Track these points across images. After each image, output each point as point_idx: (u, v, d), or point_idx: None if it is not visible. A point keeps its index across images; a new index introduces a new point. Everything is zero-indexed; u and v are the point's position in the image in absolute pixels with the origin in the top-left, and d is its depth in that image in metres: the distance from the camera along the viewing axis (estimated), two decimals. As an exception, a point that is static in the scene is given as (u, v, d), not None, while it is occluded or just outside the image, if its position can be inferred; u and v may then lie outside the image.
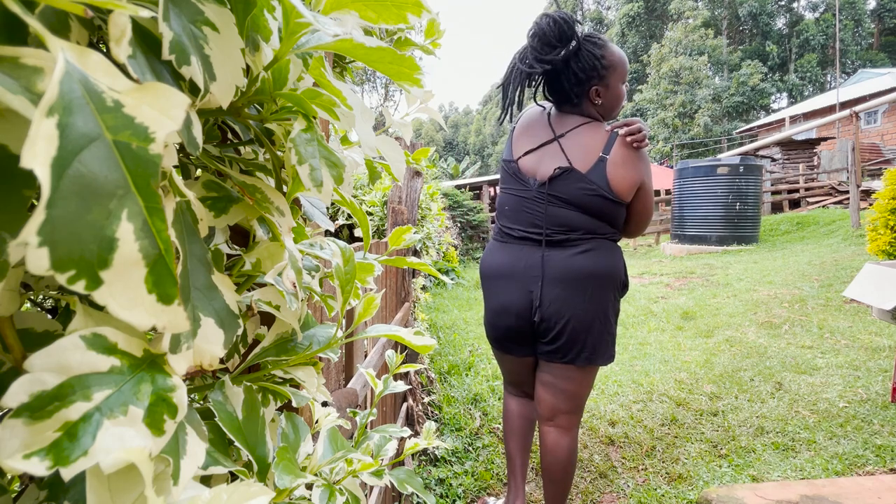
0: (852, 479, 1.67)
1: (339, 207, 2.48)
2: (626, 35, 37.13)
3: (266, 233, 0.37)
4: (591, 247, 1.27)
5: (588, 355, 1.28)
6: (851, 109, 8.33)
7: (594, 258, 1.26)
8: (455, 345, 3.44)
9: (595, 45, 1.24)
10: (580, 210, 1.26)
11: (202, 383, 0.37)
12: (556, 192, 1.27)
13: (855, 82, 21.28)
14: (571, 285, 1.26)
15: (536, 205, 1.30)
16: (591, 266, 1.26)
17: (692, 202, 8.62)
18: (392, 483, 0.60)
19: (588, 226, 1.27)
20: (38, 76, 0.17)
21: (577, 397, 1.36)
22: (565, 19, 1.20)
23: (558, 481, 1.42)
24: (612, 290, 1.30)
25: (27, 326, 0.25)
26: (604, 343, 1.30)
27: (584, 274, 1.25)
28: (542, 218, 1.29)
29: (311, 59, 0.36)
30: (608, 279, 1.28)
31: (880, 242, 4.05)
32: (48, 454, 0.17)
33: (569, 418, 1.38)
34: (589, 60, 1.22)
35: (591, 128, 1.28)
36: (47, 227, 0.15)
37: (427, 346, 0.43)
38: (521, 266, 1.31)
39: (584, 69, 1.23)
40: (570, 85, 1.26)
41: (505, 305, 1.34)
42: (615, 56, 1.26)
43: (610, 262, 1.28)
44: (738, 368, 2.97)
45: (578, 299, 1.26)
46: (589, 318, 1.26)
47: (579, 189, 1.24)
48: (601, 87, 1.27)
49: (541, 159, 1.31)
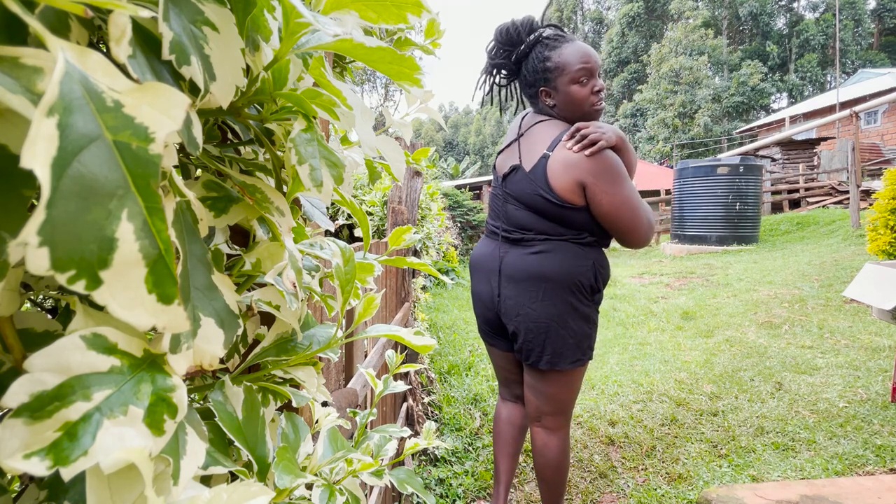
0: (852, 479, 1.67)
1: (339, 207, 2.48)
2: (626, 35, 37.12)
3: (266, 233, 0.37)
4: (546, 248, 1.24)
5: (549, 358, 1.26)
6: (851, 109, 8.33)
7: (547, 259, 1.23)
8: (455, 345, 3.44)
9: (545, 48, 1.24)
10: (529, 209, 1.25)
11: (202, 383, 0.37)
12: (509, 190, 1.29)
13: (855, 82, 21.28)
14: (522, 285, 1.25)
15: (499, 202, 1.34)
16: (543, 267, 1.23)
17: (692, 202, 8.62)
18: (392, 483, 0.60)
19: (540, 226, 1.25)
20: (38, 76, 0.17)
21: (556, 400, 1.34)
22: (518, 24, 1.24)
23: (550, 482, 1.43)
24: (568, 292, 1.24)
25: (27, 326, 0.25)
26: (566, 346, 1.25)
27: (535, 275, 1.24)
28: (502, 215, 1.32)
29: (311, 59, 0.36)
30: (562, 282, 1.23)
31: (880, 242, 4.05)
32: (48, 454, 0.17)
33: (554, 419, 1.37)
34: (534, 63, 1.24)
35: (546, 126, 1.26)
36: (47, 227, 0.15)
37: (427, 346, 0.43)
38: (487, 259, 1.35)
39: (530, 72, 1.26)
40: (522, 87, 1.31)
41: (478, 295, 1.40)
42: (563, 58, 1.22)
43: (566, 264, 1.23)
44: (738, 368, 2.96)
45: (530, 300, 1.25)
46: (543, 320, 1.24)
47: (524, 187, 1.24)
48: (549, 89, 1.26)
49: (507, 157, 1.34)
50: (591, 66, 1.22)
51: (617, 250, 10.60)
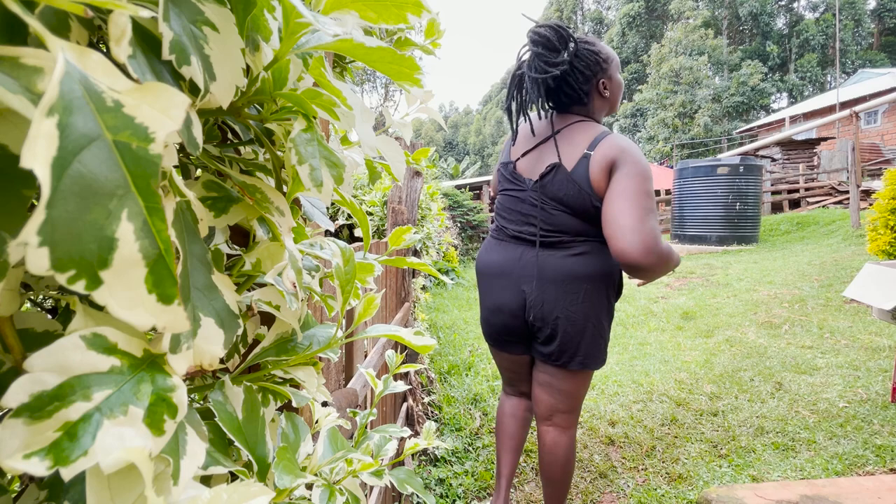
0: (852, 479, 1.67)
1: (339, 207, 2.48)
2: (626, 35, 37.11)
3: (266, 233, 0.37)
4: (584, 249, 1.26)
5: (582, 360, 1.28)
6: (851, 109, 8.33)
7: (588, 261, 1.25)
8: (455, 345, 3.44)
9: (589, 44, 1.30)
10: (568, 210, 1.25)
11: (202, 383, 0.37)
12: (546, 190, 1.27)
13: (855, 82, 21.28)
14: (564, 287, 1.25)
15: (531, 205, 1.30)
16: (585, 269, 1.25)
17: (692, 202, 8.62)
18: (392, 483, 0.60)
19: (578, 228, 1.26)
20: (38, 76, 0.17)
21: (574, 397, 1.36)
22: (561, 26, 1.26)
23: (557, 482, 1.42)
24: (605, 293, 1.28)
25: (27, 326, 0.25)
26: (597, 347, 1.29)
27: (577, 276, 1.25)
28: (536, 218, 1.29)
29: (311, 59, 0.36)
30: (602, 282, 1.26)
31: (880, 242, 4.05)
32: (48, 454, 0.17)
33: (567, 417, 1.38)
34: (590, 57, 1.28)
35: (584, 125, 1.28)
36: (47, 227, 0.15)
37: (427, 346, 0.43)
38: (515, 265, 1.31)
39: (588, 66, 1.28)
40: (578, 84, 1.28)
41: (499, 304, 1.35)
42: (607, 49, 1.33)
43: (604, 265, 1.26)
44: (738, 368, 2.96)
45: (571, 302, 1.25)
46: (581, 321, 1.25)
47: (566, 188, 1.23)
48: (606, 80, 1.32)
49: (538, 158, 1.31)
50: None
51: (617, 250, 10.59)
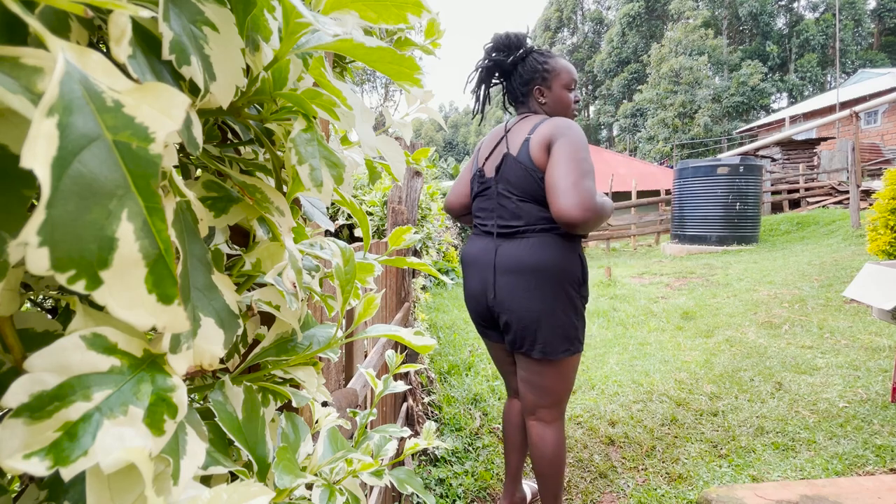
0: (852, 479, 1.67)
1: (339, 207, 2.48)
2: (626, 35, 37.12)
3: (266, 233, 0.37)
4: (538, 240, 1.33)
5: (542, 348, 1.32)
6: (851, 109, 8.34)
7: (539, 251, 1.31)
8: (455, 345, 3.44)
9: (541, 55, 1.43)
10: (521, 195, 1.34)
11: (202, 383, 0.37)
12: (502, 180, 1.38)
13: (855, 82, 21.28)
14: (516, 277, 1.33)
15: (492, 199, 1.42)
16: (535, 259, 1.31)
17: (692, 202, 8.62)
18: (392, 483, 0.60)
19: (536, 214, 1.33)
20: (38, 76, 0.17)
21: (552, 392, 1.39)
22: (517, 35, 1.45)
23: (546, 476, 1.45)
24: (559, 283, 1.32)
25: (27, 326, 0.25)
26: (556, 336, 1.32)
27: (528, 266, 1.31)
28: (495, 211, 1.40)
29: (311, 59, 0.36)
30: (554, 274, 1.31)
31: (880, 242, 4.05)
32: (48, 454, 0.17)
33: (549, 412, 1.42)
34: (533, 64, 1.43)
35: (531, 118, 1.40)
36: (47, 227, 0.15)
37: (427, 346, 0.43)
38: (482, 255, 1.41)
39: (528, 71, 1.44)
40: (517, 84, 1.47)
41: (472, 292, 1.46)
42: (559, 65, 1.43)
43: (557, 255, 1.31)
44: (738, 368, 2.96)
45: (523, 292, 1.32)
46: (535, 310, 1.30)
47: (513, 170, 1.35)
48: (543, 88, 1.44)
49: (496, 156, 1.44)
50: (576, 79, 1.47)
51: (616, 250, 10.60)
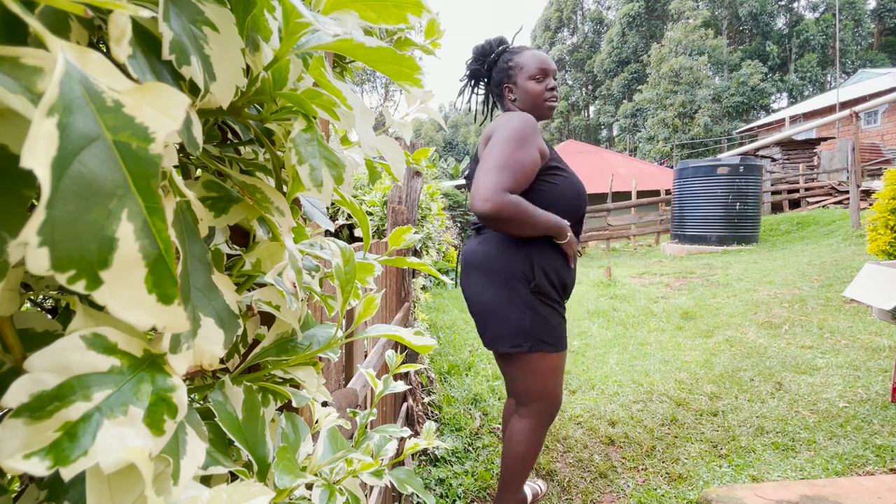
0: (852, 479, 1.67)
1: (339, 207, 2.48)
2: (626, 35, 37.11)
3: (266, 233, 0.37)
4: (488, 236, 1.39)
5: (490, 339, 1.39)
6: (851, 109, 8.34)
7: (486, 246, 1.38)
8: (455, 345, 3.44)
9: (509, 53, 1.47)
10: None
11: (202, 383, 0.37)
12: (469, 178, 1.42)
13: (855, 82, 21.28)
14: (469, 271, 1.42)
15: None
16: (482, 255, 1.38)
17: (692, 202, 8.61)
18: (392, 483, 0.60)
19: None
20: (38, 76, 0.17)
21: (521, 390, 1.42)
22: (491, 41, 1.51)
23: (508, 467, 1.48)
24: (505, 279, 1.34)
25: (27, 326, 0.25)
26: (504, 331, 1.35)
27: (476, 262, 1.40)
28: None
29: (311, 59, 0.36)
30: (500, 269, 1.35)
31: (880, 242, 4.05)
32: (48, 454, 0.17)
33: (524, 408, 1.45)
34: (501, 65, 1.48)
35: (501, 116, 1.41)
36: (47, 227, 0.15)
37: (427, 346, 0.43)
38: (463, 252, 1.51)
39: (497, 72, 1.49)
40: (493, 89, 1.53)
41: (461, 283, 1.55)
42: (523, 58, 1.44)
43: (501, 253, 1.35)
44: (738, 368, 2.96)
45: (473, 284, 1.41)
46: (484, 303, 1.37)
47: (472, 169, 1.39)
48: (510, 85, 1.46)
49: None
50: (545, 67, 1.42)
51: (617, 250, 10.59)
